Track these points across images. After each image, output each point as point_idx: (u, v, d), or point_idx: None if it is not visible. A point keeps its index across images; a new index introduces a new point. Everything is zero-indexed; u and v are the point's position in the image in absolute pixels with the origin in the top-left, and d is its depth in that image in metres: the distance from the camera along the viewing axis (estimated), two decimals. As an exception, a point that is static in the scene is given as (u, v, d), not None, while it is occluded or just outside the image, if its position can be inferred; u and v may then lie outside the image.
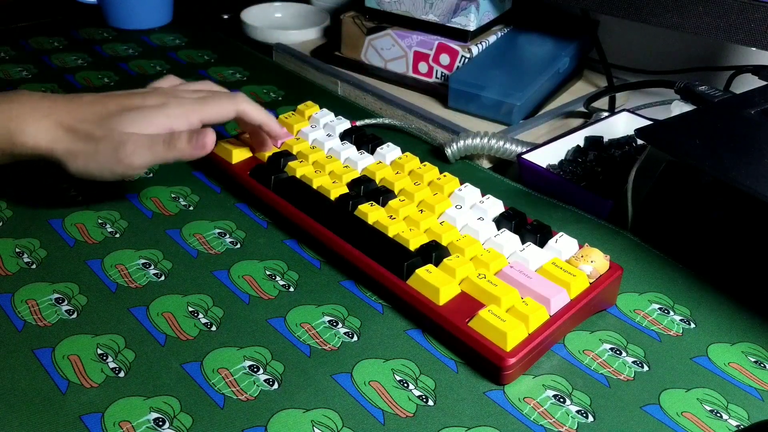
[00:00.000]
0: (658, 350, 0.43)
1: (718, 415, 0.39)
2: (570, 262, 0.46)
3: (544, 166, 0.60)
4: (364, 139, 0.59)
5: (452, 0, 0.70)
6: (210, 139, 0.49)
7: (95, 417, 0.37)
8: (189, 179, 0.58)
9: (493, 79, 0.67)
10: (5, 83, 0.73)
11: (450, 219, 0.49)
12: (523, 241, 0.48)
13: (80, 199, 0.54)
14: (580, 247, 0.47)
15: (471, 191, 0.52)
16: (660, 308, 0.47)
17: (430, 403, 0.39)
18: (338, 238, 0.48)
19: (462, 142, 0.61)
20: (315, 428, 0.37)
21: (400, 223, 0.49)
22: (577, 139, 0.63)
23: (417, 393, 0.40)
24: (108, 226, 0.52)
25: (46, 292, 0.45)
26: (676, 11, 0.58)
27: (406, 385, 0.40)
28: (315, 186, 0.53)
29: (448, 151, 0.61)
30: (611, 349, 0.43)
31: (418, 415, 0.38)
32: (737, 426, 0.39)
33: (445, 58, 0.72)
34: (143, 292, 0.46)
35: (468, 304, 0.43)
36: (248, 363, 0.41)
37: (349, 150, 0.57)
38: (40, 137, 0.47)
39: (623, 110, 0.68)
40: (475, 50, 0.71)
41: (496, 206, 0.51)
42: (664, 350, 0.43)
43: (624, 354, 0.43)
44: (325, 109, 0.63)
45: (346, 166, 0.55)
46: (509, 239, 0.47)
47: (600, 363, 0.42)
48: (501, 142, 0.60)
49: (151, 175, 0.58)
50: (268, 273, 0.48)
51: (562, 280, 0.44)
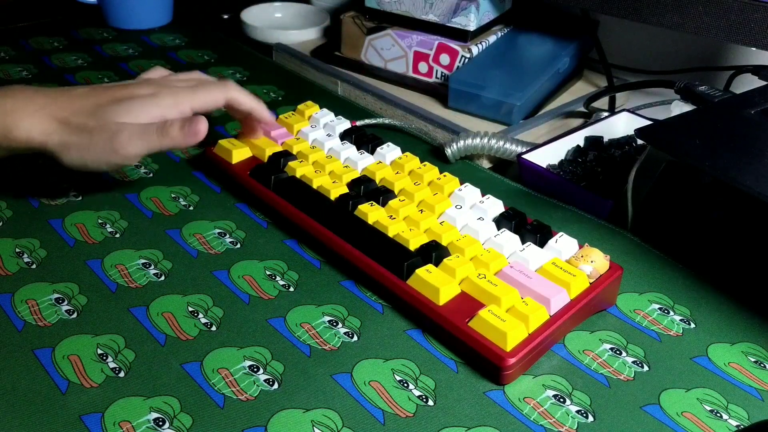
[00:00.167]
0: (658, 350, 0.43)
1: (718, 415, 0.39)
2: (570, 262, 0.46)
3: (544, 166, 0.60)
4: (364, 139, 0.59)
5: (452, 0, 0.70)
6: (202, 126, 0.50)
7: (95, 417, 0.37)
8: (189, 179, 0.58)
9: (493, 79, 0.67)
10: (5, 83, 0.72)
11: (450, 219, 0.49)
12: (523, 241, 0.48)
13: (80, 199, 0.54)
14: (580, 247, 0.47)
15: (471, 191, 0.52)
16: (660, 308, 0.47)
17: (430, 403, 0.39)
18: (338, 238, 0.48)
19: (462, 142, 0.61)
20: (315, 428, 0.37)
21: (400, 223, 0.49)
22: (577, 139, 0.63)
23: (417, 393, 0.40)
24: (108, 226, 0.52)
25: (46, 292, 0.45)
26: (676, 11, 0.58)
27: (406, 385, 0.40)
28: (315, 186, 0.53)
29: (448, 151, 0.61)
30: (611, 349, 0.43)
31: (418, 415, 0.38)
32: (737, 426, 0.39)
33: (445, 58, 0.72)
34: (143, 292, 0.46)
35: (468, 304, 0.43)
36: (248, 363, 0.41)
37: (349, 150, 0.57)
38: (33, 131, 0.48)
39: (623, 110, 0.68)
40: (475, 50, 0.71)
41: (496, 206, 0.51)
42: (664, 350, 0.43)
43: (624, 354, 0.43)
44: (325, 109, 0.63)
45: (346, 166, 0.55)
46: (509, 239, 0.47)
47: (600, 363, 0.42)
48: (501, 142, 0.60)
49: (151, 175, 0.58)
50: (268, 273, 0.48)
51: (562, 280, 0.44)
